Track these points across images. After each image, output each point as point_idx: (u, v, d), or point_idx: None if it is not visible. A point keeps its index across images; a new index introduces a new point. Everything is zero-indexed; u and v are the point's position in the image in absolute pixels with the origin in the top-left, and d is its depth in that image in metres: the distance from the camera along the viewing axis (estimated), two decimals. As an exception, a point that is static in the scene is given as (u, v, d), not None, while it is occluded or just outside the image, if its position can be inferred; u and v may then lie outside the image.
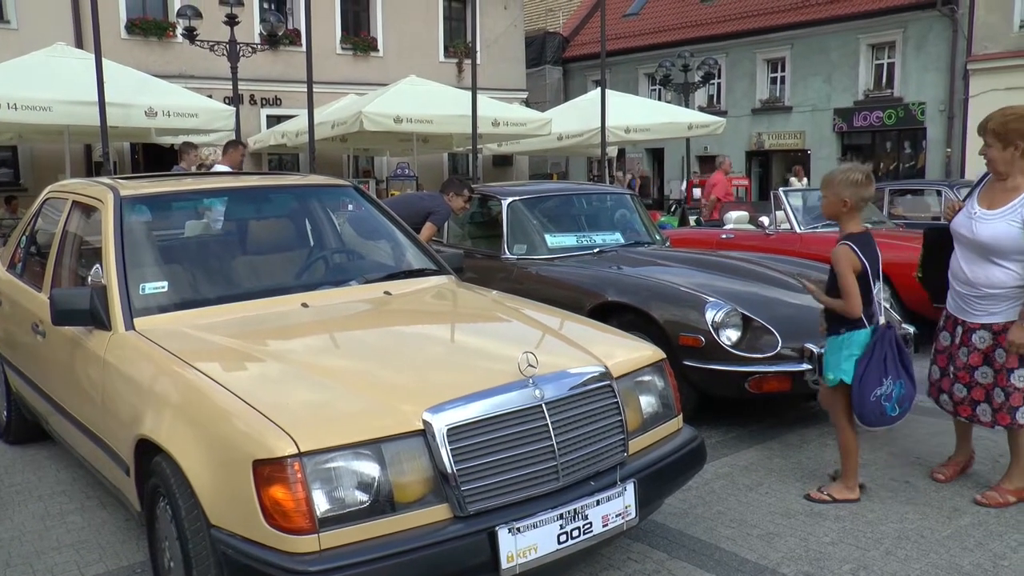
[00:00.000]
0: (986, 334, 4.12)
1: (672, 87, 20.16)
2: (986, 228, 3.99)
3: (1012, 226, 3.93)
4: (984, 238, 3.99)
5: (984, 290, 4.06)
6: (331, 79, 21.30)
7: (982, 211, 4.05)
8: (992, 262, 4.02)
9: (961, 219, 4.13)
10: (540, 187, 7.55)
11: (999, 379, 4.11)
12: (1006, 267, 3.99)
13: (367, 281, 4.30)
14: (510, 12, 26.18)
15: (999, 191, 4.05)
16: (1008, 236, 3.93)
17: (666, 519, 4.12)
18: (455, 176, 7.54)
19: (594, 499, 2.96)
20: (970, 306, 4.15)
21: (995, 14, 21.97)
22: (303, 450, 2.57)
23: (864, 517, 4.19)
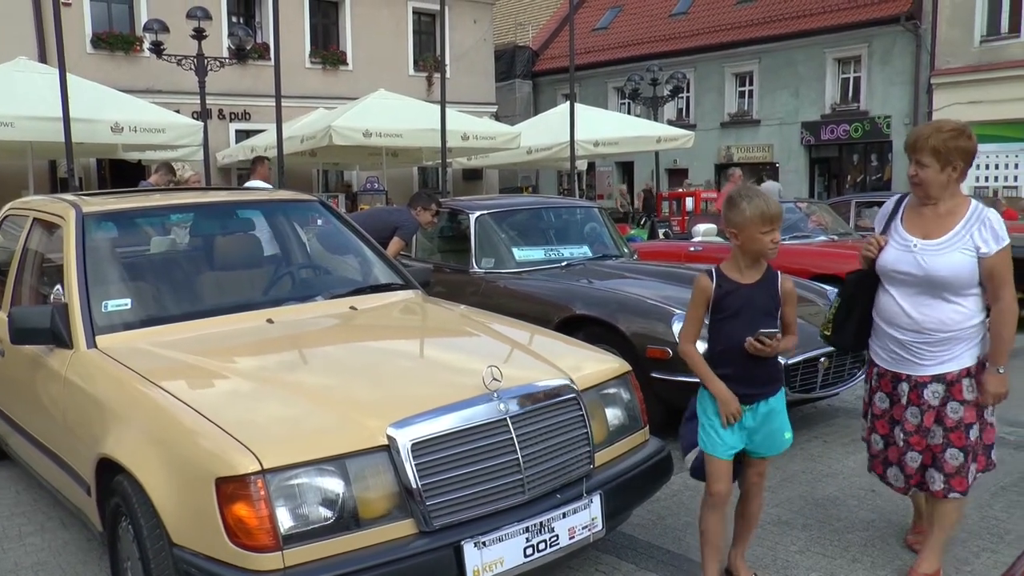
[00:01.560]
0: (939, 387, 3.42)
1: (641, 101, 20.29)
2: (940, 261, 3.33)
3: (967, 255, 3.30)
4: (938, 273, 3.32)
5: (937, 334, 3.38)
6: (300, 93, 21.27)
7: (923, 242, 3.39)
8: (945, 300, 3.36)
9: (897, 254, 3.44)
10: (508, 201, 7.56)
11: (954, 438, 3.41)
12: (960, 304, 3.36)
13: (333, 296, 4.28)
14: (479, 26, 26.30)
15: (931, 218, 3.42)
16: (965, 268, 3.30)
17: (634, 530, 4.13)
18: (423, 190, 7.54)
19: (560, 512, 2.96)
20: (919, 356, 3.43)
21: (956, 29, 22.35)
22: (266, 467, 2.55)
23: (831, 526, 4.23)
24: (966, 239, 3.32)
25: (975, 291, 3.36)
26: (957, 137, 3.32)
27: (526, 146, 16.42)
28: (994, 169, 22.67)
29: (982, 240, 3.28)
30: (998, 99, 21.67)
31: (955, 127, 3.37)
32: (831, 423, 6.01)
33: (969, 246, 3.31)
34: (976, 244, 3.29)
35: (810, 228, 9.49)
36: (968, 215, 3.36)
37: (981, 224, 3.31)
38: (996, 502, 4.60)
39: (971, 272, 3.31)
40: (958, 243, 3.33)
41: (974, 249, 3.30)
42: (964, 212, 3.37)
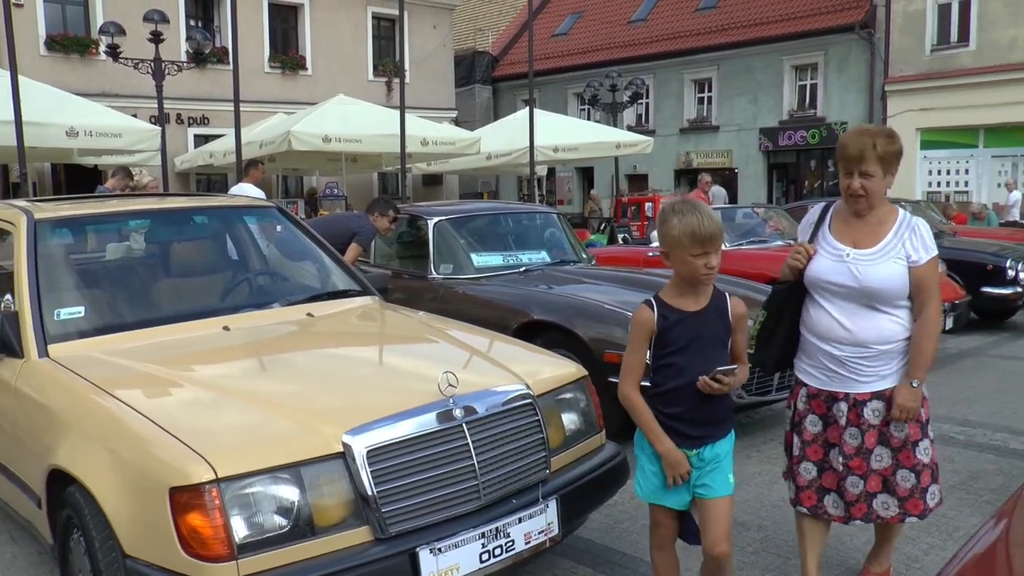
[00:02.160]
0: (879, 405, 3.20)
1: (600, 107, 20.42)
2: (874, 271, 3.14)
3: (899, 265, 3.14)
4: (874, 283, 3.13)
5: (876, 348, 3.17)
6: (259, 98, 21.13)
7: (855, 251, 3.19)
8: (880, 311, 3.17)
9: (830, 264, 3.20)
10: (466, 207, 7.58)
11: (902, 458, 3.20)
12: (895, 316, 3.18)
13: (290, 303, 4.26)
14: (439, 31, 26.30)
15: (860, 226, 3.23)
16: (899, 278, 3.14)
17: (592, 534, 4.16)
18: (380, 197, 7.54)
19: (516, 517, 2.98)
20: (857, 372, 3.19)
21: (909, 38, 22.77)
22: (221, 476, 2.54)
23: (786, 527, 4.28)
24: (898, 248, 3.14)
25: (906, 302, 3.19)
26: (894, 141, 3.16)
27: (486, 152, 16.45)
28: (945, 175, 23.13)
29: (913, 249, 3.13)
30: (949, 106, 22.13)
31: (889, 131, 3.21)
32: (786, 426, 6.07)
33: (901, 255, 3.13)
34: (907, 253, 3.13)
35: (767, 233, 9.61)
36: (898, 223, 3.18)
37: (912, 232, 3.15)
38: (946, 500, 4.68)
39: (903, 282, 3.14)
40: (891, 252, 3.15)
41: (905, 258, 3.13)
42: (894, 220, 3.19)
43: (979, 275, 9.60)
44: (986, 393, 7.08)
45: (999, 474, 5.07)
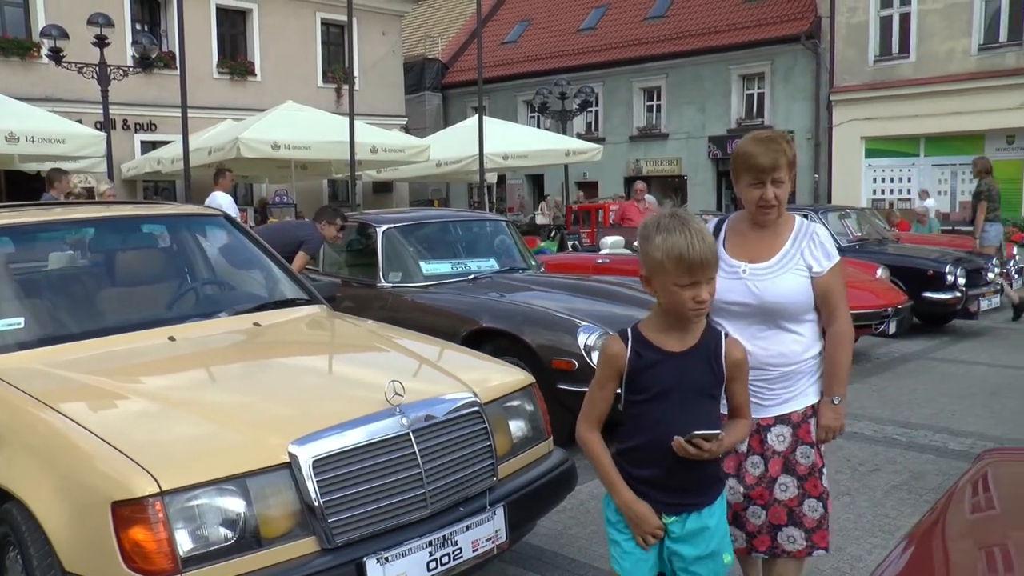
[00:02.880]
0: (785, 429, 2.92)
1: (550, 114, 20.51)
2: (773, 286, 2.88)
3: (801, 276, 2.90)
4: (774, 298, 2.87)
5: (778, 369, 2.90)
6: (208, 104, 20.88)
7: (751, 266, 2.92)
8: (782, 329, 2.92)
9: (726, 283, 2.88)
10: (416, 214, 7.58)
11: (809, 487, 2.92)
12: (798, 333, 2.93)
13: (236, 312, 4.22)
14: (388, 38, 26.23)
15: (755, 239, 2.97)
16: (801, 291, 2.90)
17: (541, 541, 4.18)
18: (327, 205, 7.52)
19: (463, 524, 3.00)
20: (760, 396, 2.88)
21: (853, 49, 23.23)
22: (164, 488, 2.52)
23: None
24: (796, 258, 2.91)
25: (811, 317, 2.95)
26: (793, 146, 2.92)
27: (435, 159, 16.43)
28: (889, 183, 23.61)
29: (813, 258, 2.91)
30: (891, 116, 22.61)
31: (787, 136, 3.01)
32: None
33: (801, 266, 2.90)
34: (808, 262, 2.90)
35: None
36: (795, 231, 2.96)
37: (810, 240, 2.93)
38: (888, 500, 4.80)
39: (807, 295, 2.90)
40: (789, 263, 2.91)
41: (806, 268, 2.90)
42: (790, 229, 2.97)
43: (920, 280, 9.83)
44: (927, 395, 7.25)
45: (939, 474, 5.20)
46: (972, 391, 7.38)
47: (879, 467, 5.38)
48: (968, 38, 21.45)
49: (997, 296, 10.77)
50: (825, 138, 24.16)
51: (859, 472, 5.27)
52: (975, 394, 7.27)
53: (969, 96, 21.32)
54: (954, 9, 21.53)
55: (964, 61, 21.53)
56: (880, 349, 9.34)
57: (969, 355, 9.06)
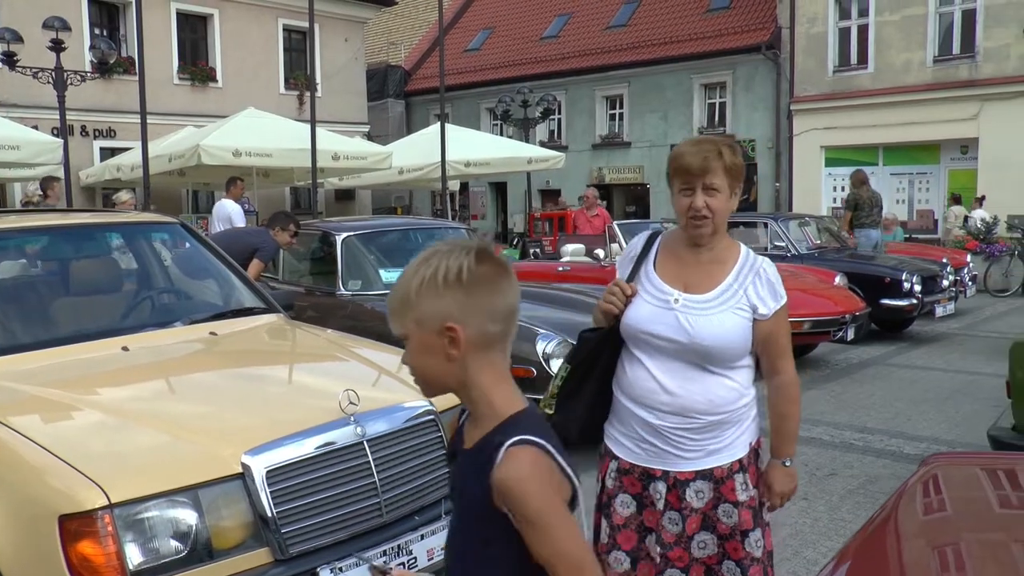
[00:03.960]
0: (705, 485, 2.50)
1: (512, 122, 20.56)
2: (709, 324, 2.44)
3: (741, 317, 2.46)
4: (708, 339, 2.43)
5: (704, 418, 2.46)
6: (168, 110, 20.65)
7: (686, 297, 2.49)
8: (713, 373, 2.47)
9: (653, 311, 2.49)
10: (375, 222, 7.56)
11: (729, 549, 2.52)
12: (729, 378, 2.49)
13: (192, 322, 4.18)
14: (351, 44, 26.14)
15: (693, 264, 2.53)
16: (739, 334, 2.46)
17: (498, 550, 4.17)
18: (280, 211, 7.47)
19: (418, 533, 2.99)
20: (680, 446, 2.47)
21: (812, 59, 23.55)
22: (114, 501, 2.48)
23: (689, 537, 4.37)
24: (739, 296, 2.47)
25: (747, 362, 2.54)
26: (739, 152, 2.52)
27: (398, 166, 16.38)
28: (848, 191, 23.93)
29: (759, 298, 2.47)
30: (851, 125, 22.94)
31: (733, 140, 2.46)
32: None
33: (744, 305, 2.47)
34: (752, 302, 2.47)
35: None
36: (740, 263, 2.52)
37: (756, 276, 2.49)
38: (844, 504, 4.87)
39: (745, 338, 2.47)
40: (731, 300, 2.47)
41: (749, 309, 2.47)
42: (735, 259, 2.53)
43: (878, 287, 9.98)
44: (884, 400, 7.36)
45: (894, 478, 5.27)
46: (927, 396, 7.50)
47: (836, 471, 5.45)
48: (923, 50, 21.84)
49: (952, 303, 10.97)
50: (786, 147, 24.45)
51: (816, 477, 5.34)
52: (930, 399, 7.39)
53: (925, 107, 21.71)
54: (910, 22, 21.91)
55: (920, 72, 21.92)
56: (839, 355, 9.46)
57: (925, 361, 9.20)
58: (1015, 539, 1.69)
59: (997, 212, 19.29)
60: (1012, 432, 4.24)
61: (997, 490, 1.94)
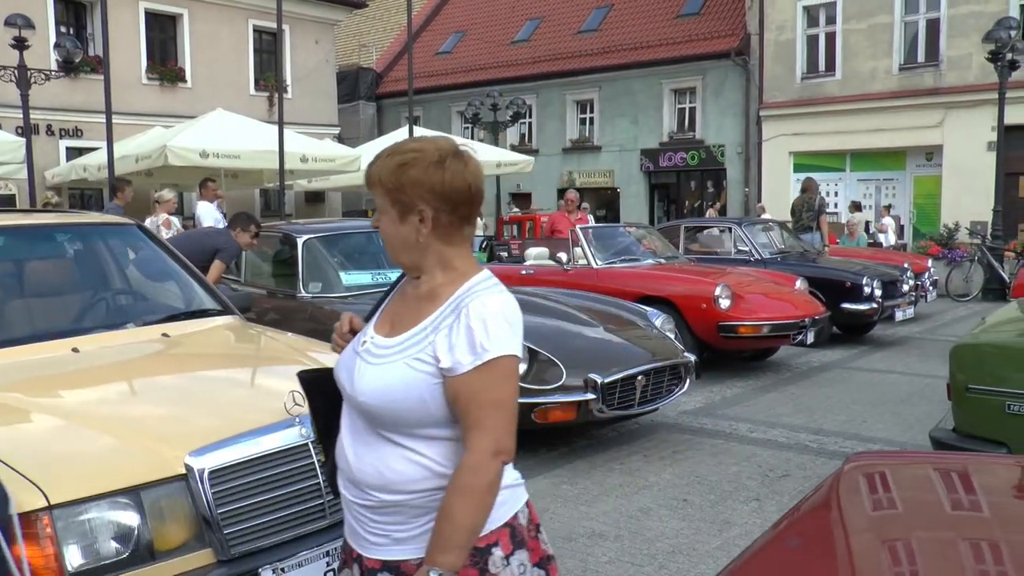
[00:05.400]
0: None
1: (482, 125, 20.59)
2: (370, 376, 1.97)
3: (416, 371, 1.92)
4: (364, 394, 1.98)
5: (377, 496, 1.98)
6: (136, 110, 20.53)
7: (378, 339, 2.03)
8: (389, 441, 1.97)
9: (345, 355, 2.12)
10: (336, 225, 7.56)
11: None
12: (412, 451, 1.96)
13: (145, 323, 4.17)
14: (322, 46, 26.07)
15: (411, 300, 2.04)
16: (406, 392, 1.93)
17: (450, 551, 4.20)
18: (242, 212, 7.45)
19: (363, 535, 3.00)
20: (364, 526, 2.03)
21: (781, 66, 23.80)
22: (53, 503, 2.47)
23: (642, 536, 4.43)
24: (425, 343, 1.94)
25: (446, 433, 1.96)
26: (412, 165, 1.95)
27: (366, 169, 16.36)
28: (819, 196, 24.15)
29: (448, 346, 1.90)
30: (818, 132, 23.23)
31: (414, 148, 1.99)
32: (652, 438, 6.28)
33: (426, 355, 1.92)
34: (435, 353, 1.91)
35: (640, 252, 9.87)
36: (449, 301, 1.96)
37: (457, 319, 1.92)
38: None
39: (420, 399, 1.92)
40: (412, 348, 1.95)
41: (432, 361, 1.91)
42: (448, 296, 1.97)
43: (839, 292, 10.11)
44: (841, 403, 7.46)
45: (844, 481, 5.34)
46: (884, 399, 7.60)
47: (789, 473, 5.52)
48: (890, 58, 22.14)
49: (912, 307, 11.12)
50: (755, 152, 24.68)
51: (769, 478, 5.40)
52: (887, 402, 7.49)
53: (891, 114, 22.01)
54: (876, 30, 22.20)
55: (886, 80, 22.21)
56: (799, 358, 9.56)
57: (885, 364, 9.33)
58: (921, 537, 1.74)
59: (959, 218, 19.59)
60: (952, 434, 4.33)
61: (911, 490, 1.99)
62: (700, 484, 5.23)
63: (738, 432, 6.47)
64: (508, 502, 2.01)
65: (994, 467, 2.26)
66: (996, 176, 16.06)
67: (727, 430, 6.52)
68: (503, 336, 1.89)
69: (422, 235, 1.96)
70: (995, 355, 4.33)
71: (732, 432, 6.47)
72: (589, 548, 4.27)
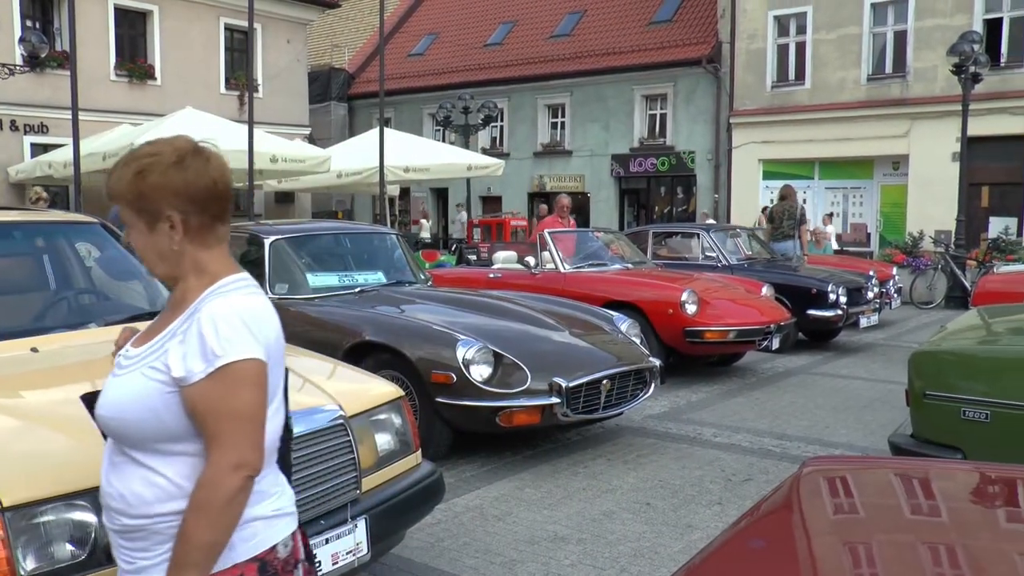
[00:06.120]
0: None
1: (454, 128, 20.59)
2: (110, 389, 1.90)
3: (149, 381, 1.82)
4: (102, 407, 1.90)
5: (120, 520, 1.87)
6: (104, 107, 20.30)
7: (129, 351, 1.94)
8: (131, 459, 1.86)
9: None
10: (304, 226, 7.53)
11: None
12: (153, 471, 1.83)
13: (108, 323, 4.12)
14: (293, 46, 25.93)
15: (166, 309, 1.97)
16: (138, 403, 1.82)
17: (412, 553, 4.20)
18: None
19: (323, 538, 3.00)
20: (118, 551, 1.91)
21: (751, 74, 24.00)
22: (6, 505, 2.44)
23: (605, 539, 4.44)
24: (160, 351, 1.84)
25: (187, 448, 1.83)
26: (150, 170, 1.85)
27: (337, 170, 16.28)
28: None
29: (180, 355, 1.79)
30: (788, 140, 23.44)
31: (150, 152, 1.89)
32: (616, 442, 6.30)
33: (160, 364, 1.82)
34: (167, 362, 1.81)
35: (608, 257, 9.92)
36: (192, 308, 1.85)
37: (191, 325, 1.81)
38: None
39: (151, 411, 1.80)
40: (148, 357, 1.85)
41: (165, 369, 1.81)
42: (193, 300, 1.87)
43: (805, 298, 10.20)
44: (804, 408, 7.53)
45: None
46: (847, 404, 7.68)
47: (752, 477, 5.56)
48: (858, 68, 22.41)
49: (876, 314, 11.25)
50: (725, 159, 24.86)
51: (732, 482, 5.44)
52: (849, 407, 7.57)
53: (859, 123, 22.27)
54: (845, 40, 22.46)
55: (855, 90, 22.47)
56: (765, 364, 9.64)
57: (849, 370, 9.43)
58: (870, 540, 1.77)
59: (924, 227, 19.85)
60: (911, 439, 4.38)
61: (863, 494, 2.02)
62: (663, 488, 5.26)
63: (702, 436, 6.51)
64: (260, 534, 1.85)
65: (950, 472, 2.29)
66: (960, 186, 16.31)
67: (691, 434, 6.56)
68: (237, 339, 1.77)
69: (175, 242, 1.87)
70: (952, 362, 4.39)
71: (696, 436, 6.51)
72: (551, 551, 4.28)
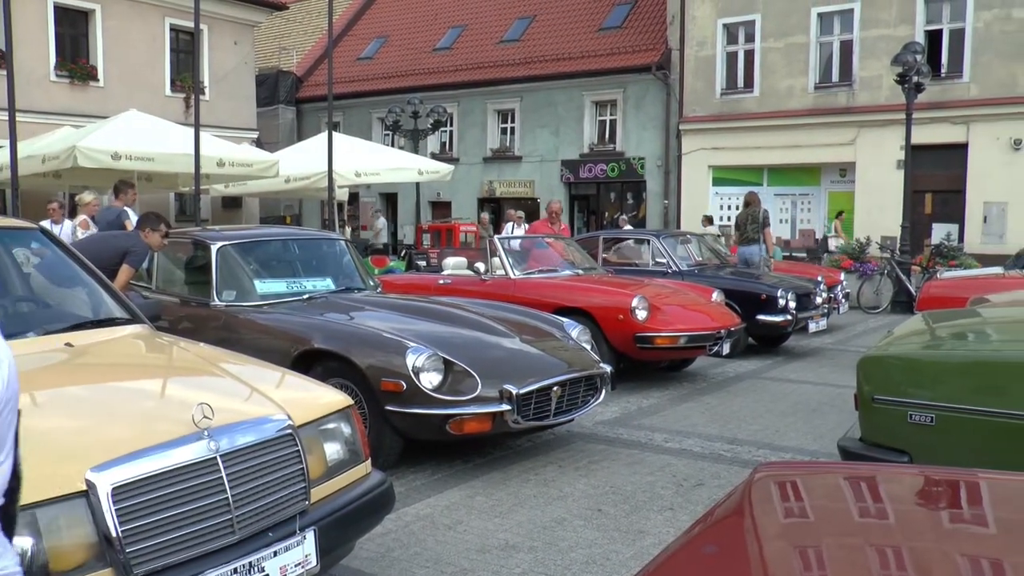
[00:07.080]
0: None
1: (403, 133, 20.50)
2: None
3: None
4: None
5: None
6: (44, 108, 19.83)
7: None
8: None
9: None
10: (251, 232, 7.43)
11: None
12: None
13: (48, 332, 4.01)
14: (240, 48, 25.61)
15: None
16: None
17: (361, 564, 4.14)
18: (150, 212, 7.20)
19: (271, 550, 2.94)
20: None
21: (701, 81, 24.24)
22: None
23: (556, 546, 4.43)
24: None
25: None
26: None
27: (285, 174, 16.08)
28: (735, 210, 24.58)
29: None
30: (737, 146, 23.71)
31: None
32: (568, 448, 6.29)
33: None
34: None
35: (558, 263, 9.92)
36: None
37: None
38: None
39: None
40: None
41: None
42: None
43: (754, 304, 10.31)
44: (755, 412, 7.59)
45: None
46: (797, 409, 7.77)
47: (703, 482, 5.59)
48: (806, 77, 22.74)
49: (825, 319, 11.41)
50: (675, 166, 25.06)
51: (683, 487, 5.46)
52: (799, 411, 7.66)
53: (807, 131, 22.60)
54: (793, 49, 22.79)
55: (802, 98, 22.81)
56: (715, 369, 9.72)
57: (798, 374, 9.55)
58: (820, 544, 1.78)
59: (870, 233, 20.21)
60: (859, 443, 4.43)
61: (814, 499, 2.04)
62: (615, 494, 5.26)
63: (653, 442, 6.53)
64: None
65: (897, 476, 2.31)
66: (904, 193, 16.62)
67: (643, 440, 6.58)
68: None
69: None
70: (899, 367, 4.45)
71: (648, 442, 6.53)
72: (503, 560, 4.25)
